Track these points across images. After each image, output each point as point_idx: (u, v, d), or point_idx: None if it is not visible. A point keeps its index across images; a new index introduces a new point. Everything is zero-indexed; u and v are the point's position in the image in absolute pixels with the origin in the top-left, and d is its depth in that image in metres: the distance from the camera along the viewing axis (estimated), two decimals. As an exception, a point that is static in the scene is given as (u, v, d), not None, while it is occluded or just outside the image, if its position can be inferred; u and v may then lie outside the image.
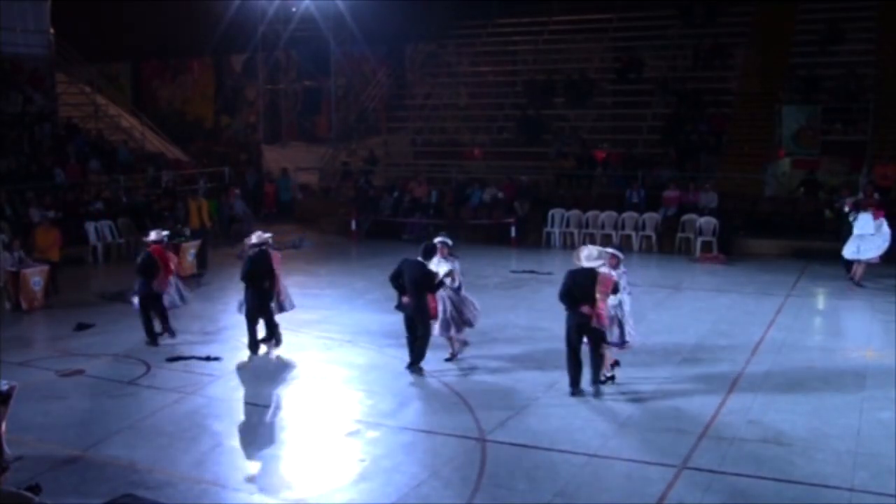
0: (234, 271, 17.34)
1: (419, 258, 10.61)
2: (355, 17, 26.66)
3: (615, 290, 9.71)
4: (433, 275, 10.58)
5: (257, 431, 9.09)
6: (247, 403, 9.93)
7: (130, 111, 29.06)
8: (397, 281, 10.63)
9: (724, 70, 24.99)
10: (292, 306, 12.16)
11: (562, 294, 9.68)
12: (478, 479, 7.60)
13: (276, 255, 11.89)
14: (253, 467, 8.11)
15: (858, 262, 15.65)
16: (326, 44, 28.01)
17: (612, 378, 10.04)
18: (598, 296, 9.42)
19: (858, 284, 15.59)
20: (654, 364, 10.90)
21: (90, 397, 9.96)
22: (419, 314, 10.51)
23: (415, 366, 10.67)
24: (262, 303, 11.65)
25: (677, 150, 22.70)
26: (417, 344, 10.64)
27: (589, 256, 9.62)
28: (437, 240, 10.91)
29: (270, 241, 11.98)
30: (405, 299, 10.57)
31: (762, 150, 22.14)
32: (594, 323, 9.51)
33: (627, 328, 10.03)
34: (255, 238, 11.89)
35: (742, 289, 15.86)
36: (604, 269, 9.63)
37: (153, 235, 12.69)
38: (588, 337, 9.65)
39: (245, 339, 11.77)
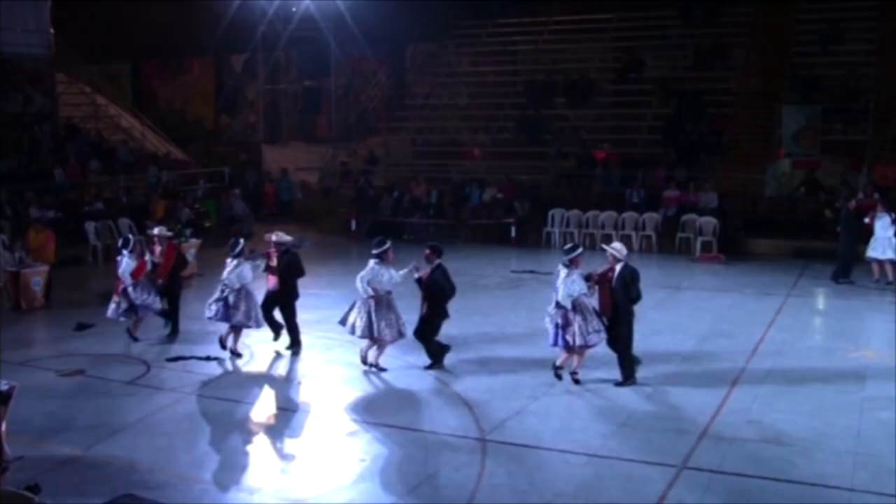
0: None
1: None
2: (355, 17, 26.63)
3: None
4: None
5: (257, 431, 9.09)
6: (247, 403, 9.92)
7: (130, 111, 29.07)
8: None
9: (724, 70, 24.99)
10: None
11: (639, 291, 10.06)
12: (478, 479, 7.59)
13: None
14: (253, 467, 8.11)
15: (882, 261, 15.74)
16: (326, 44, 28.02)
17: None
18: None
19: (890, 283, 15.63)
20: (654, 364, 10.89)
21: (90, 397, 9.95)
22: None
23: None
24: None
25: (677, 150, 22.70)
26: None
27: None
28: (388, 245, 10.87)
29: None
30: None
31: (762, 150, 22.13)
32: None
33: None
34: (275, 237, 11.89)
35: (742, 289, 15.86)
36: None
37: (158, 231, 12.73)
38: None
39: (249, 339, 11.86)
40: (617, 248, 10.29)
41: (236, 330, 11.54)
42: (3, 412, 7.46)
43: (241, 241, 11.92)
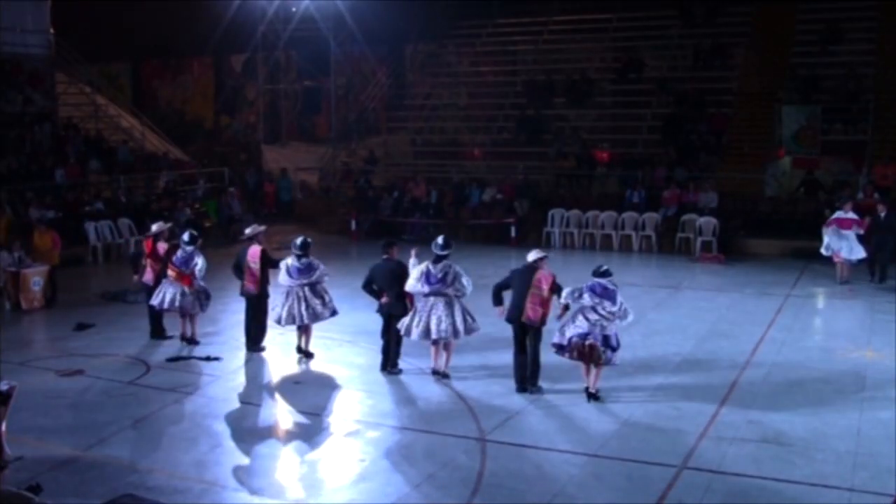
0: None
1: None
2: (355, 17, 26.63)
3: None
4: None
5: (257, 431, 9.08)
6: (247, 403, 9.93)
7: (130, 111, 29.05)
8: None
9: (724, 70, 24.98)
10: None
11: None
12: (478, 479, 7.60)
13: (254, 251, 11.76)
14: (253, 467, 8.10)
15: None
16: (326, 44, 27.99)
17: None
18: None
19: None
20: (653, 364, 10.91)
21: (90, 397, 9.95)
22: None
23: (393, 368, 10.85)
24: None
25: (677, 150, 22.70)
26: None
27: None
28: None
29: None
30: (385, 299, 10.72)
31: (762, 150, 22.13)
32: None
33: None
34: (249, 231, 12.01)
35: (742, 289, 15.86)
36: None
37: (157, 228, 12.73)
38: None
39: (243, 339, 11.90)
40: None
41: (308, 328, 11.49)
42: (3, 412, 7.46)
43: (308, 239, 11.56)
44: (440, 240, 10.46)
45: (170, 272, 11.95)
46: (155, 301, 12.02)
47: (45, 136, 23.89)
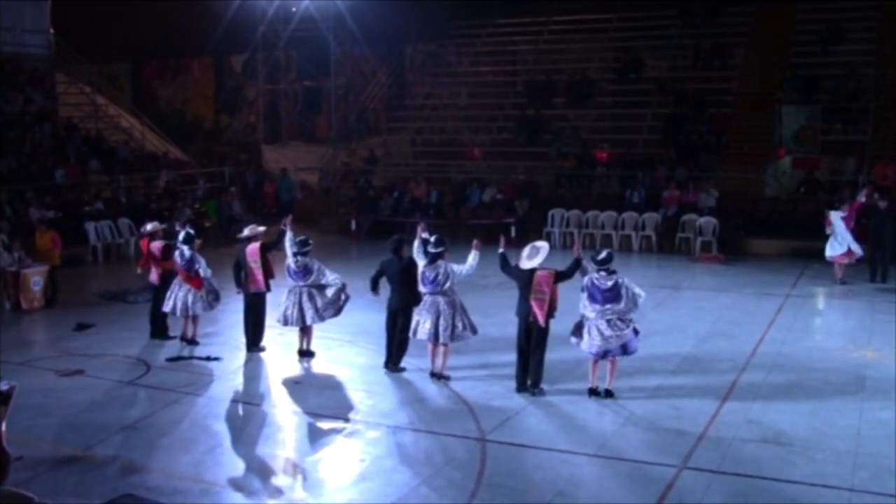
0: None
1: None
2: (355, 17, 26.66)
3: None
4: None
5: (257, 431, 9.08)
6: (247, 403, 9.93)
7: (130, 111, 29.06)
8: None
9: (724, 70, 25.01)
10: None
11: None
12: (478, 479, 7.60)
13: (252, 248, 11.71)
14: (253, 467, 8.10)
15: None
16: (326, 44, 28.01)
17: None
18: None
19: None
20: (653, 364, 10.91)
21: (90, 397, 9.94)
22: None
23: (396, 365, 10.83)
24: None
25: (677, 150, 22.71)
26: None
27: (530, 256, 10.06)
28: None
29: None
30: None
31: (762, 150, 22.15)
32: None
33: None
34: (248, 231, 11.98)
35: (742, 289, 15.86)
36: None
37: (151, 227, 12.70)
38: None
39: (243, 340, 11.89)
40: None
41: (309, 329, 11.47)
42: (3, 412, 7.45)
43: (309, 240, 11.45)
44: (432, 238, 10.49)
45: (179, 275, 11.95)
46: (167, 307, 11.97)
47: (45, 136, 23.90)
